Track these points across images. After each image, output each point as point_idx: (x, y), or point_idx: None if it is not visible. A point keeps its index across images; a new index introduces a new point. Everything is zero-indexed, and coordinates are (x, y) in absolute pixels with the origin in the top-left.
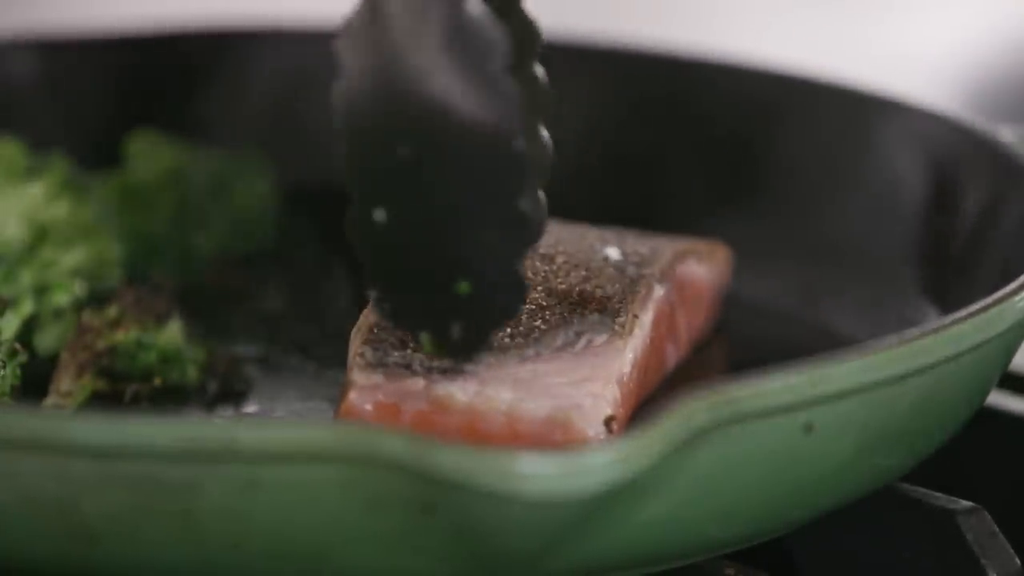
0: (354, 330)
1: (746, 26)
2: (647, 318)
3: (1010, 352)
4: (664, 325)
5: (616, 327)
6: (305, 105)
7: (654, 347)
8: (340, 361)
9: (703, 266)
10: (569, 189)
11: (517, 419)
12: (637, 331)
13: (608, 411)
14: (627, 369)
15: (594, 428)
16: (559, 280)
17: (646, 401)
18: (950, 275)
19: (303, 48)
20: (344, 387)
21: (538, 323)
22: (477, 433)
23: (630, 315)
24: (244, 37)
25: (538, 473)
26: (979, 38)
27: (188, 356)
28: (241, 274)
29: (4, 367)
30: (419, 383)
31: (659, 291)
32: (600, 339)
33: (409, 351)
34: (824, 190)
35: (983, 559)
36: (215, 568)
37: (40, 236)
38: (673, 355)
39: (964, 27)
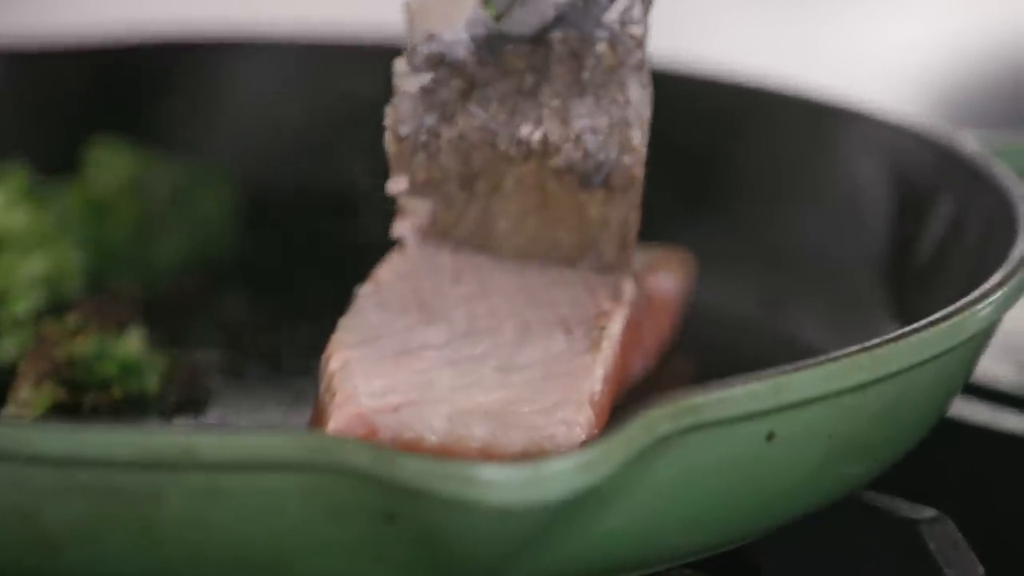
0: (324, 355)
1: (706, 34)
2: (616, 329)
3: (974, 360)
4: (632, 334)
5: (585, 343)
6: (268, 113)
7: (623, 355)
8: (301, 370)
9: (669, 276)
10: None
11: (492, 456)
12: (606, 344)
13: (582, 437)
14: (598, 387)
15: None
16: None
17: (612, 409)
18: (913, 284)
19: (265, 57)
20: (317, 410)
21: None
22: None
23: (598, 329)
24: (206, 46)
25: (499, 481)
26: (942, 45)
27: (148, 365)
28: (202, 283)
29: None
30: (391, 421)
31: (628, 299)
32: (569, 356)
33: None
34: (787, 199)
35: (946, 568)
36: None
37: None
38: (639, 363)
39: (927, 35)
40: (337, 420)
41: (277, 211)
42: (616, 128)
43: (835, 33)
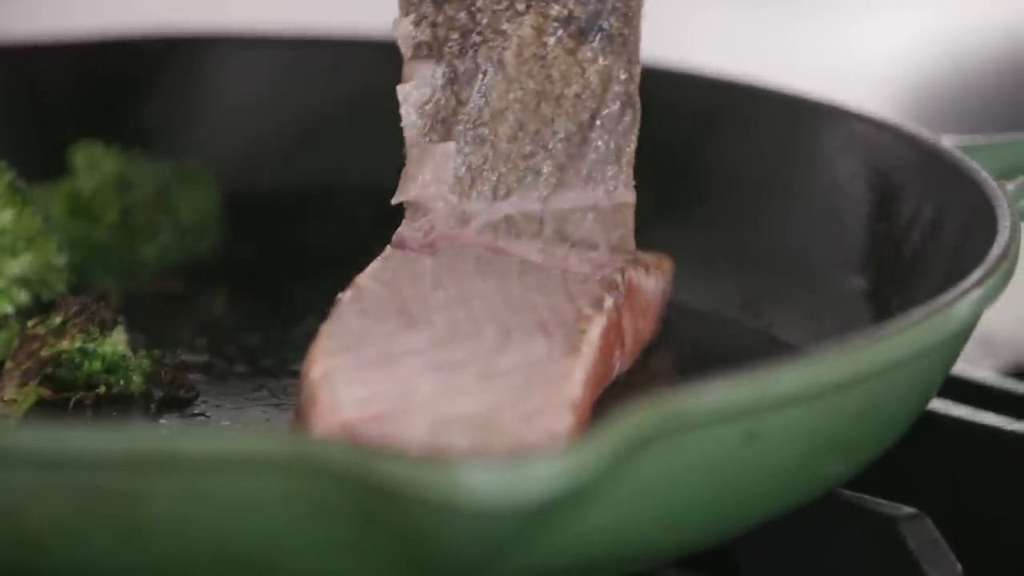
0: (306, 362)
1: (686, 33)
2: (596, 331)
3: (953, 357)
4: (613, 333)
5: (565, 347)
6: (252, 113)
7: (603, 356)
8: (285, 370)
9: (649, 277)
10: None
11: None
12: (586, 347)
13: (564, 443)
14: (579, 391)
15: None
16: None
17: (594, 407)
18: (892, 283)
19: (248, 56)
20: (299, 416)
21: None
22: None
23: (578, 332)
24: (190, 45)
25: (481, 483)
26: (919, 48)
27: (133, 364)
28: (186, 282)
29: None
30: (374, 430)
31: (608, 303)
32: (550, 360)
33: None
34: (766, 197)
35: (925, 565)
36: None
37: None
38: (619, 362)
39: (904, 37)
40: (320, 429)
41: (261, 211)
42: None
43: (811, 39)
